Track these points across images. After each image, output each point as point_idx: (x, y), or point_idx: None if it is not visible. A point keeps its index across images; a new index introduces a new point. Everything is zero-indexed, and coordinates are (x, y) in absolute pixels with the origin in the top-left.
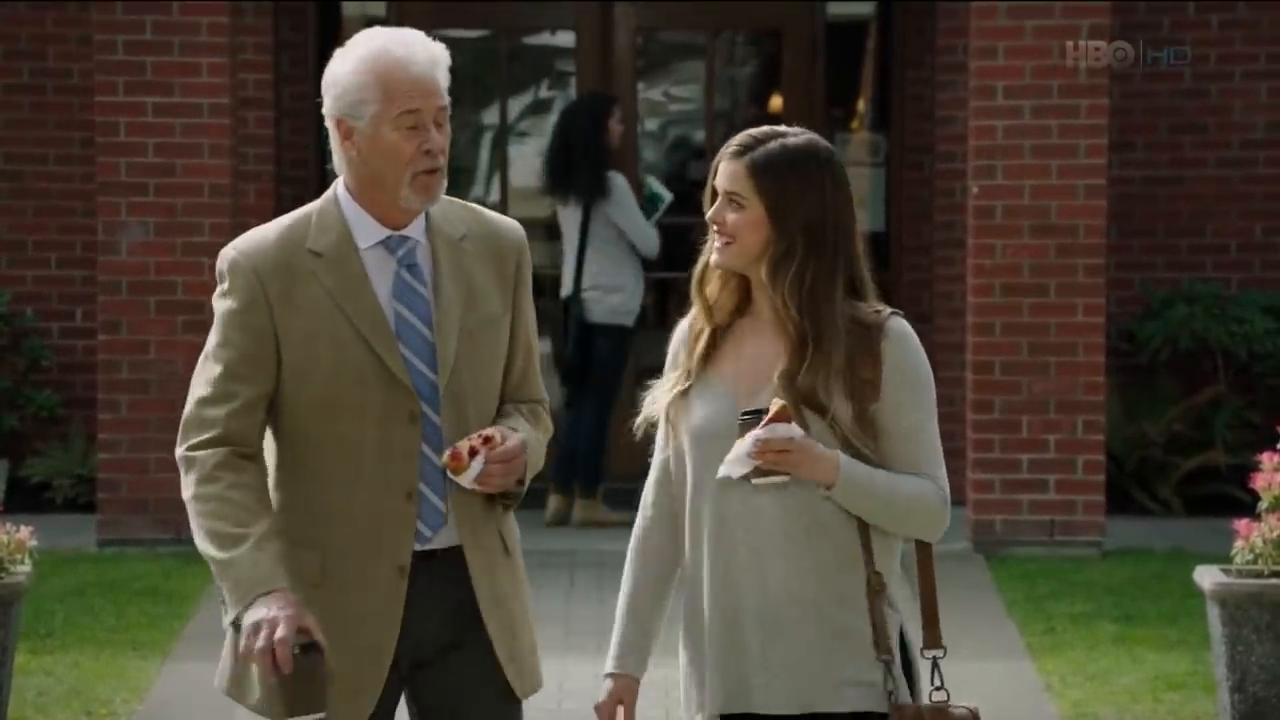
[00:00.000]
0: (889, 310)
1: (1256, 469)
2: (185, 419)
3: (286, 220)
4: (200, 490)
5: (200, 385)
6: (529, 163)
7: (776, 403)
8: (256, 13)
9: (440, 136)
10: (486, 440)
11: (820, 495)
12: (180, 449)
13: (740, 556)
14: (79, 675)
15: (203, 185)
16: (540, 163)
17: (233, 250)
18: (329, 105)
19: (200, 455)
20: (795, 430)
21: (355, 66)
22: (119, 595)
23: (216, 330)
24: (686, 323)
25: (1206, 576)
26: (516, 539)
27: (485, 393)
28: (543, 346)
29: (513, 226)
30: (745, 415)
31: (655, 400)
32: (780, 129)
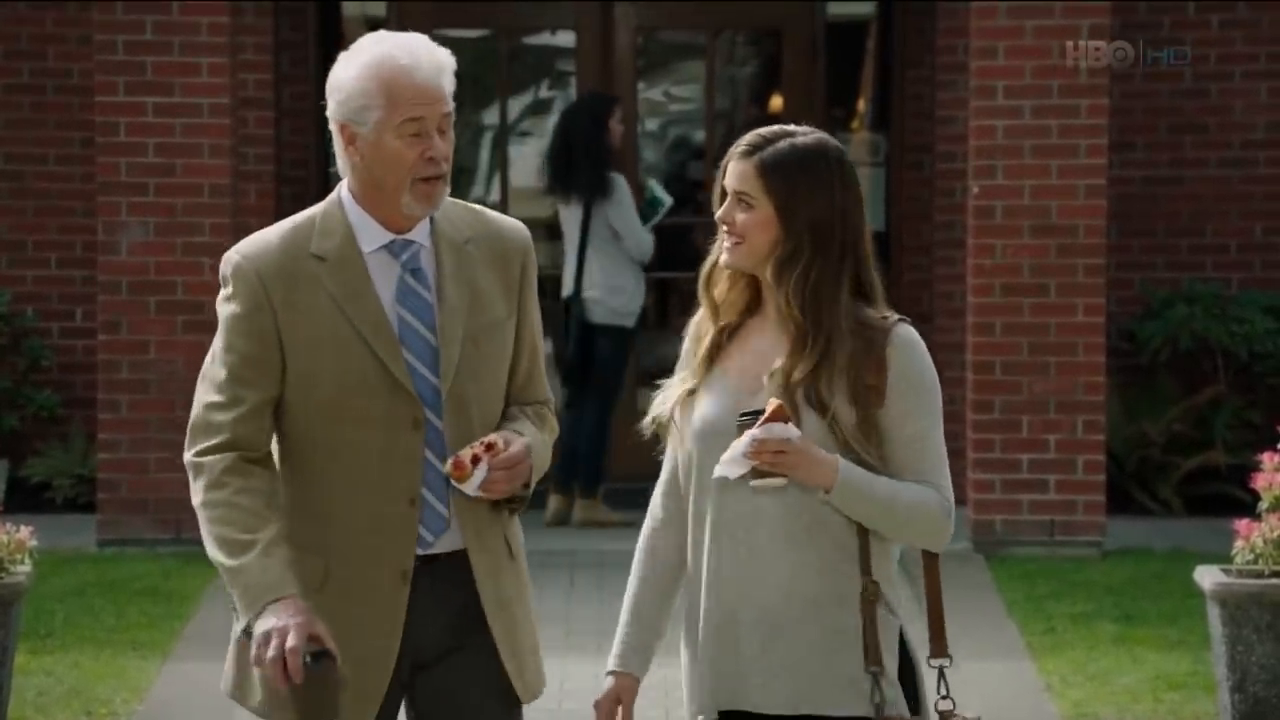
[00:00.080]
0: (896, 317)
1: (1257, 469)
2: (193, 423)
3: (290, 223)
4: (208, 496)
5: (206, 390)
6: (529, 163)
7: (773, 402)
8: (256, 13)
9: (444, 144)
10: (489, 447)
11: (819, 500)
12: (189, 454)
13: (741, 555)
14: (79, 675)
15: (203, 185)
16: (541, 163)
17: (236, 254)
18: (333, 110)
19: (208, 461)
20: (792, 431)
21: (360, 72)
22: (119, 595)
23: (221, 335)
24: (694, 322)
25: (1207, 576)
26: (521, 543)
27: (489, 397)
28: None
29: (518, 229)
30: (743, 416)
31: (664, 400)
32: (790, 128)
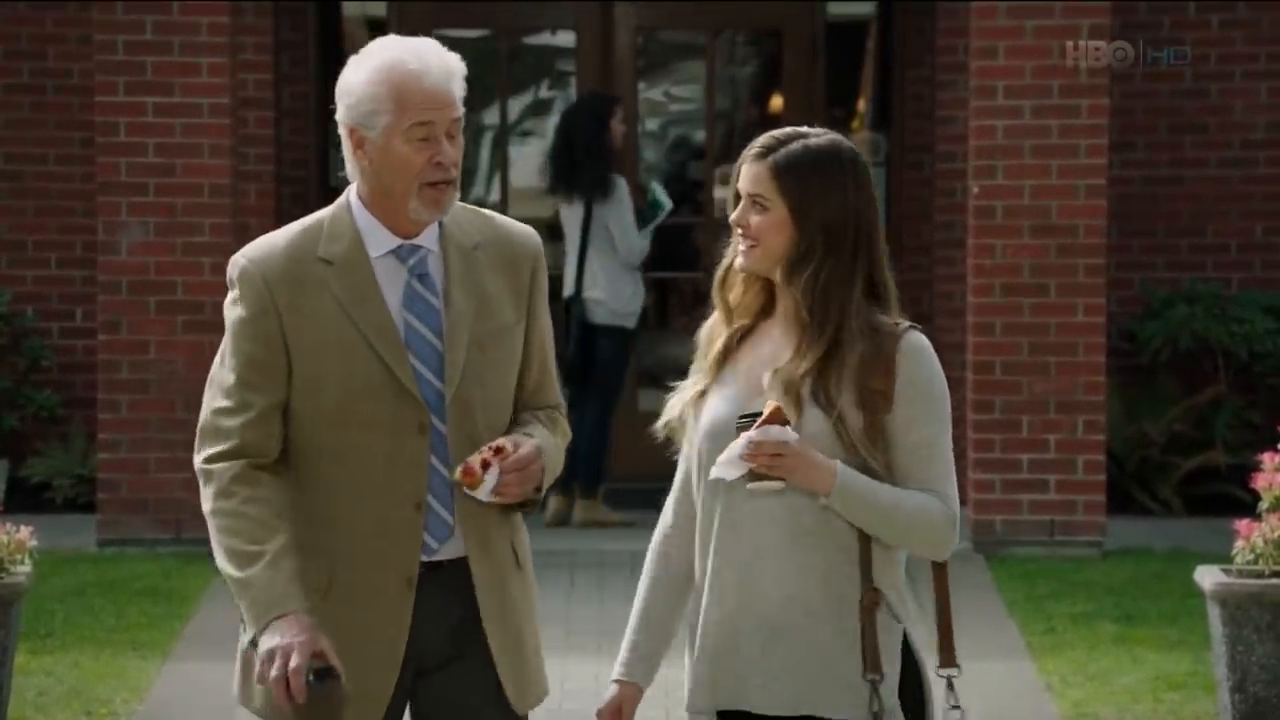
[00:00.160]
0: (907, 323)
1: (1257, 469)
2: (201, 428)
3: (298, 227)
4: (217, 505)
5: (214, 395)
6: (529, 163)
7: (771, 403)
8: (256, 13)
9: (453, 149)
10: (498, 451)
11: (820, 504)
12: (198, 460)
13: (746, 556)
14: (79, 675)
15: (203, 185)
16: (541, 163)
17: (242, 258)
18: (342, 113)
19: (217, 468)
20: (789, 434)
21: (369, 76)
22: (119, 595)
23: (228, 339)
24: (708, 325)
25: (1207, 576)
26: (528, 551)
27: (495, 403)
28: None
29: (528, 234)
30: (742, 418)
31: (676, 403)
32: (803, 130)
